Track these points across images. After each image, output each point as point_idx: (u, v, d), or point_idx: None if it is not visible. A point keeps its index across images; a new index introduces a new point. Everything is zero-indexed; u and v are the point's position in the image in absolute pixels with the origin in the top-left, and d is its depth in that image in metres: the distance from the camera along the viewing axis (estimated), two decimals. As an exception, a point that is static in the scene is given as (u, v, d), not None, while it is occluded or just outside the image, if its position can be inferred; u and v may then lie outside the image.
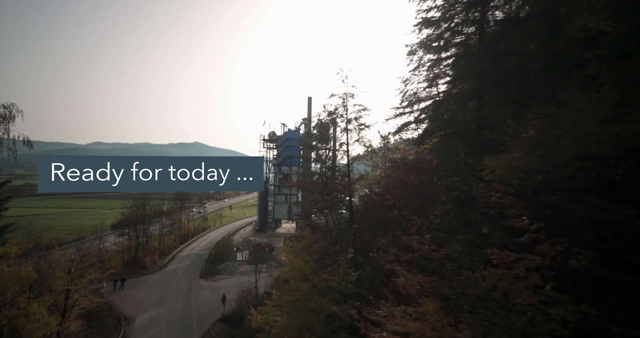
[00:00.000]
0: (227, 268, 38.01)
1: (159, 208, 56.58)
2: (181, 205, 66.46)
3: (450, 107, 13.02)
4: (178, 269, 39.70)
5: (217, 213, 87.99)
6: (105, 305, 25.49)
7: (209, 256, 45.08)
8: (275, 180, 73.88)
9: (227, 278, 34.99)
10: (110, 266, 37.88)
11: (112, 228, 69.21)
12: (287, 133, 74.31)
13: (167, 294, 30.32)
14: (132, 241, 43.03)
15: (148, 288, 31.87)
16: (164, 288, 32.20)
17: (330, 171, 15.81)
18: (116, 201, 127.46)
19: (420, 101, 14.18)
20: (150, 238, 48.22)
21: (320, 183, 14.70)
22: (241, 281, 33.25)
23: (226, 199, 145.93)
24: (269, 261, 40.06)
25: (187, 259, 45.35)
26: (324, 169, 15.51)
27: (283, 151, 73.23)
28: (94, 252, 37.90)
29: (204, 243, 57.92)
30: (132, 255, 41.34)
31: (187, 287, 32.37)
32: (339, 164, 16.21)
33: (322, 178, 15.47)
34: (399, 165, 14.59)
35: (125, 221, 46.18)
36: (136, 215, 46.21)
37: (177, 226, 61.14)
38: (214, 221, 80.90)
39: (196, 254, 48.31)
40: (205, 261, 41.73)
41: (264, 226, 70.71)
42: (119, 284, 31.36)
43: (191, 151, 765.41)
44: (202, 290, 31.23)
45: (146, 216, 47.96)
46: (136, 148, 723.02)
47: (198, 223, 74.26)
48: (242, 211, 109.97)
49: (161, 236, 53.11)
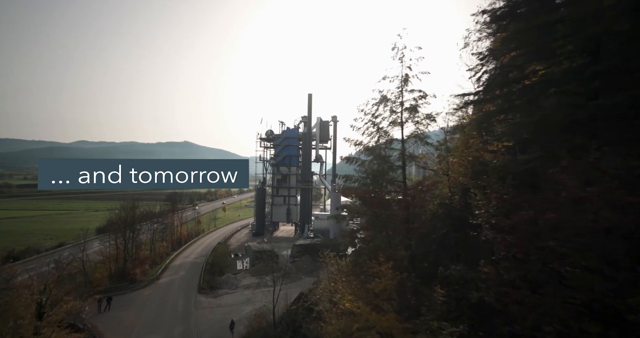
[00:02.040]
0: (229, 281, 33.95)
1: (149, 210, 51.76)
2: (172, 207, 61.79)
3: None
4: (172, 282, 35.41)
5: (211, 215, 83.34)
6: (88, 335, 21.15)
7: (205, 265, 40.89)
8: (273, 181, 69.95)
9: (229, 293, 30.94)
10: (95, 279, 33.45)
11: (98, 232, 64.11)
12: (286, 132, 70.52)
13: (162, 316, 26.09)
14: (120, 250, 38.44)
15: (139, 308, 27.56)
16: (158, 307, 27.96)
17: (383, 177, 12.19)
18: (102, 202, 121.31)
19: (512, 83, 10.61)
20: (141, 245, 43.58)
21: (378, 192, 11.02)
22: (247, 296, 29.40)
23: (222, 201, 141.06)
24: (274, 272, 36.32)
25: (182, 269, 41.04)
26: (382, 174, 11.86)
27: (281, 151, 69.45)
28: (76, 264, 33.40)
29: (199, 249, 53.57)
30: (120, 266, 36.83)
31: (185, 306, 28.19)
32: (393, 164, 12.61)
33: (381, 185, 11.78)
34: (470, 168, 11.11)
35: (112, 227, 41.47)
36: (125, 219, 41.38)
37: (169, 230, 56.46)
38: (208, 224, 76.37)
39: (191, 263, 44.02)
40: (203, 272, 37.56)
41: (261, 229, 66.84)
42: (105, 304, 26.92)
43: (181, 150, 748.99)
44: (202, 309, 27.12)
45: (136, 220, 43.24)
46: (123, 147, 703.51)
47: (191, 226, 69.64)
48: (236, 212, 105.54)
49: (152, 243, 48.49)
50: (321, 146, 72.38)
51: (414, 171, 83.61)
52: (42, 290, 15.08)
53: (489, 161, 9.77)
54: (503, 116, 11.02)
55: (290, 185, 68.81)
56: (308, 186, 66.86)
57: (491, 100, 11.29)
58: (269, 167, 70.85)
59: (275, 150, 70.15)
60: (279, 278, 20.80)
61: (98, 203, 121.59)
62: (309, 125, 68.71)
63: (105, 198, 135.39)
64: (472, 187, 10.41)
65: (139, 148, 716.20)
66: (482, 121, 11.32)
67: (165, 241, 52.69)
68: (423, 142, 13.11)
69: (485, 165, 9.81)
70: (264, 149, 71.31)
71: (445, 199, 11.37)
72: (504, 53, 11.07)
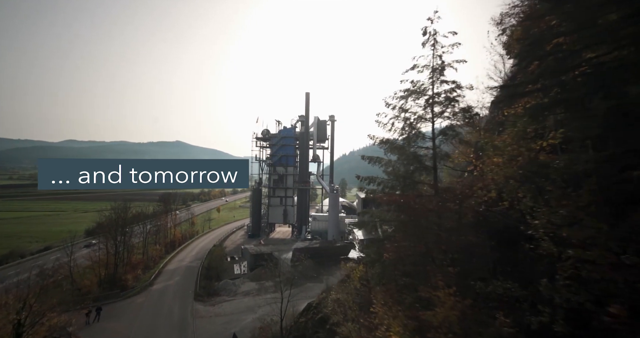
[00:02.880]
0: (227, 287, 32.19)
1: (141, 211, 49.46)
2: (165, 208, 59.53)
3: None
4: (167, 288, 33.48)
5: (205, 216, 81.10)
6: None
7: (201, 269, 39.05)
8: (269, 181, 68.21)
9: (228, 300, 29.18)
10: (83, 286, 31.42)
11: (87, 234, 61.52)
12: (283, 131, 68.82)
13: (157, 327, 24.21)
14: (111, 255, 36.28)
15: (131, 319, 25.61)
16: (152, 317, 26.06)
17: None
18: (91, 203, 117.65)
19: (570, 70, 9.22)
20: (133, 249, 41.42)
21: (408, 196, 9.50)
22: (247, 304, 27.71)
23: (222, 199, 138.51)
24: (274, 277, 34.66)
25: (177, 274, 39.10)
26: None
27: (278, 150, 67.75)
28: (62, 270, 31.34)
29: (194, 252, 51.57)
30: (111, 271, 34.73)
31: (181, 315, 26.32)
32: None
33: (412, 188, 10.28)
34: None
35: (102, 230, 39.24)
36: (116, 221, 39.10)
37: (162, 232, 54.23)
38: (202, 225, 74.20)
39: (186, 267, 42.05)
40: (199, 277, 35.72)
41: (258, 231, 65.17)
42: (94, 315, 24.91)
43: (173, 150, 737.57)
44: (200, 319, 25.30)
45: (127, 222, 40.96)
46: (113, 147, 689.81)
47: (185, 228, 67.42)
48: (230, 213, 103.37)
49: (145, 246, 46.29)
50: (318, 146, 70.90)
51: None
52: (20, 308, 13.23)
53: (549, 161, 8.36)
54: (560, 108, 9.63)
55: (287, 186, 67.21)
56: (305, 187, 65.36)
57: (543, 90, 9.84)
58: (265, 167, 69.16)
59: (272, 150, 68.46)
60: (285, 285, 19.15)
61: (87, 204, 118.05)
62: (307, 124, 67.18)
63: (94, 199, 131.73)
64: (524, 192, 8.99)
65: (130, 147, 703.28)
66: (536, 114, 9.89)
67: (159, 244, 50.51)
68: (457, 139, 11.74)
69: (543, 166, 8.42)
70: (260, 148, 69.62)
71: (485, 206, 9.96)
72: (554, 37, 9.63)
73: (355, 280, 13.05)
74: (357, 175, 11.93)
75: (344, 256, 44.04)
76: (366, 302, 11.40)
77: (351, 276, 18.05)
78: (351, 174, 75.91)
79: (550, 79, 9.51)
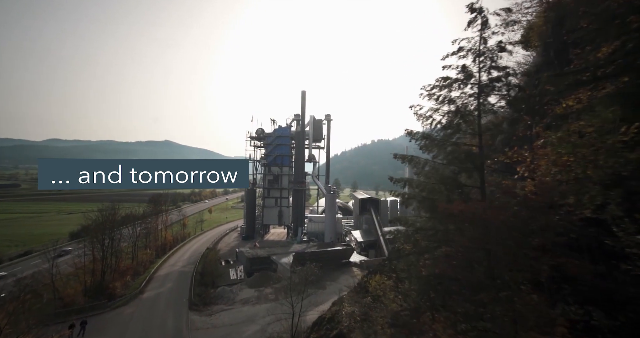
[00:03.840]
0: (224, 295, 30.15)
1: (130, 213, 46.78)
2: (155, 209, 56.80)
3: None
4: (159, 296, 31.23)
5: (197, 217, 78.40)
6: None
7: (195, 274, 36.89)
8: (264, 182, 66.27)
9: (226, 309, 27.16)
10: (66, 296, 28.92)
11: (71, 237, 58.37)
12: (278, 130, 67.04)
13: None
14: (97, 260, 33.80)
15: (120, 332, 23.37)
16: (143, 330, 23.87)
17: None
18: (75, 204, 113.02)
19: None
20: (121, 253, 38.88)
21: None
22: (246, 314, 25.80)
23: (206, 201, 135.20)
24: (274, 282, 32.84)
25: (169, 280, 36.82)
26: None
27: (273, 150, 65.97)
28: (44, 279, 28.83)
29: (186, 255, 49.20)
30: (97, 278, 32.28)
31: (176, 328, 24.15)
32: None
33: (460, 193, 8.72)
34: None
35: (88, 234, 36.62)
36: (103, 224, 36.53)
37: (152, 235, 51.57)
38: (194, 227, 71.58)
39: (179, 272, 39.77)
40: (193, 284, 33.57)
41: (252, 233, 63.27)
42: (78, 330, 22.57)
43: (162, 150, 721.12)
44: (196, 332, 23.25)
45: (116, 225, 38.41)
46: (100, 146, 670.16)
47: (176, 230, 64.77)
48: (222, 214, 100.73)
49: (134, 250, 43.71)
50: (314, 146, 69.39)
51: (407, 172, 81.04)
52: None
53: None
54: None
55: (282, 186, 65.52)
56: (301, 187, 63.61)
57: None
58: (260, 167, 67.23)
59: (267, 149, 66.64)
60: (295, 296, 17.40)
61: (72, 205, 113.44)
62: (302, 123, 65.48)
63: (79, 200, 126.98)
64: (611, 198, 7.39)
65: (117, 147, 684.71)
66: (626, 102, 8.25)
67: (149, 247, 47.93)
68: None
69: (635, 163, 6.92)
70: (254, 148, 67.69)
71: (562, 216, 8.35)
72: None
73: (382, 295, 11.42)
74: (389, 177, 10.34)
75: (345, 260, 42.48)
76: (402, 323, 9.79)
77: (366, 286, 16.56)
78: (343, 174, 73.50)
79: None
